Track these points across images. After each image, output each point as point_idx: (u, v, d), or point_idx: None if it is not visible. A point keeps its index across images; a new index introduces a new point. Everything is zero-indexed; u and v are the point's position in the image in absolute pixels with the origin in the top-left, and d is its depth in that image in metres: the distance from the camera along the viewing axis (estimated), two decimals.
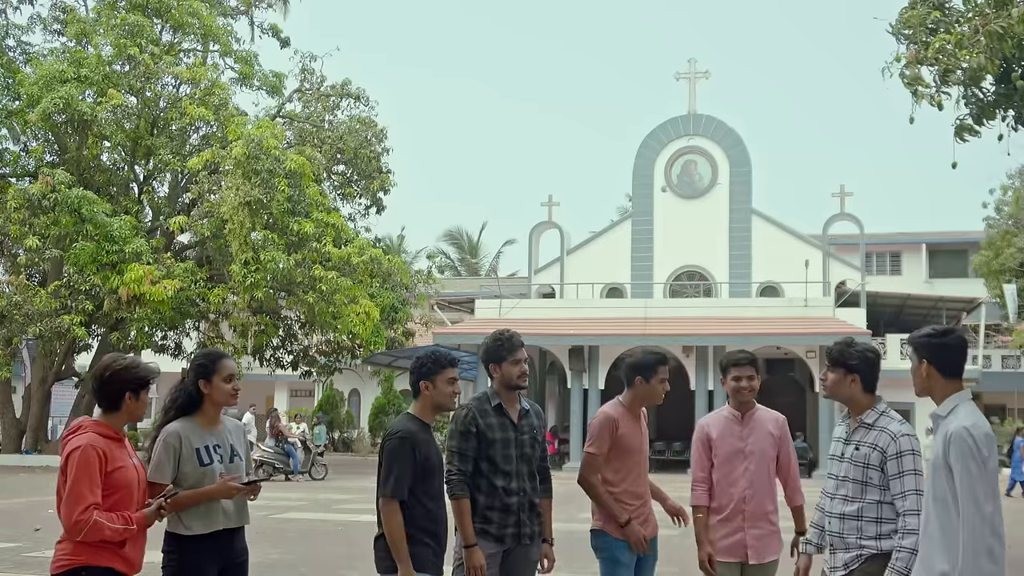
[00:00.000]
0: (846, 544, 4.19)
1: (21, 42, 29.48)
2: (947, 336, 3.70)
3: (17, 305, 24.26)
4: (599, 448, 5.01)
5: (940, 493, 3.49)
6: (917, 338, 3.72)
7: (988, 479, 3.41)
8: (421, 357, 4.57)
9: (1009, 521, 12.81)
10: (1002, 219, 32.29)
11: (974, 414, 3.54)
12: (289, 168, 24.39)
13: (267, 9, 31.00)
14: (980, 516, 3.36)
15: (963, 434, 3.43)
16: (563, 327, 28.09)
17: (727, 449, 5.00)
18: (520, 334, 4.93)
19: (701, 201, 34.20)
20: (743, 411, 5.06)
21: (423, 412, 4.52)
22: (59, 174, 24.38)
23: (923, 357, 3.67)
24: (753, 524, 4.94)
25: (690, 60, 35.31)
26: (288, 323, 28.31)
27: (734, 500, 4.95)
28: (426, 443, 4.41)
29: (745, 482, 4.93)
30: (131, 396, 3.96)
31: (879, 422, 4.20)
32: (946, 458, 3.46)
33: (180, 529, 4.19)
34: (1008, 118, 8.87)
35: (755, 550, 4.93)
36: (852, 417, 4.32)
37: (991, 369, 34.67)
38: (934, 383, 3.65)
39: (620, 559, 5.00)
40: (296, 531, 12.77)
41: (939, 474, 3.49)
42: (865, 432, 4.21)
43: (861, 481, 4.18)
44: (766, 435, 5.02)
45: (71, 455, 3.75)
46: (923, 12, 8.39)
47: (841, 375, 4.29)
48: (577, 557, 5.18)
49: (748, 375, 5.03)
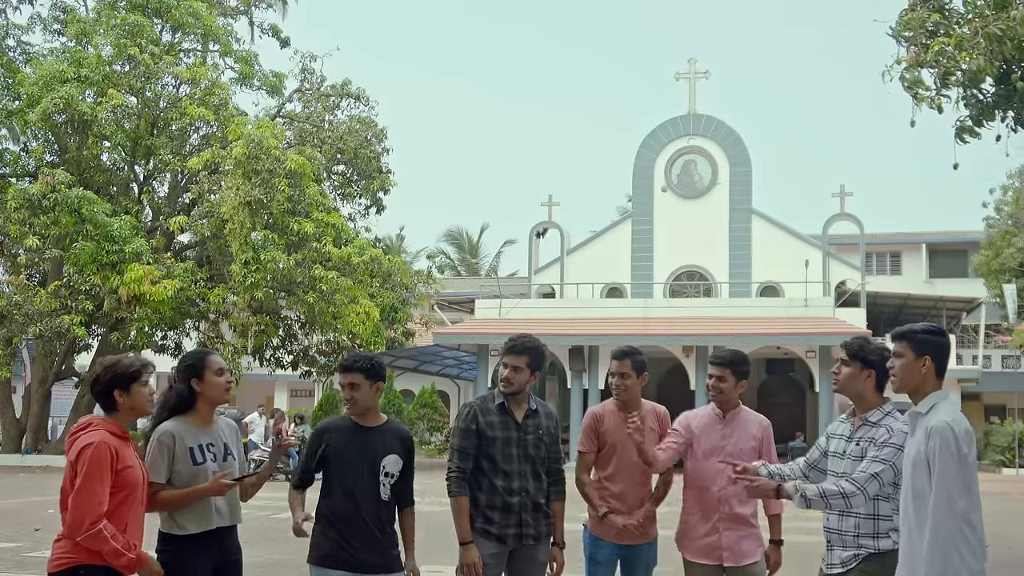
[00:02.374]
0: (843, 542, 4.19)
1: (21, 42, 29.47)
2: (944, 336, 3.76)
3: (17, 305, 24.26)
4: (585, 446, 5.05)
5: (919, 489, 3.50)
6: (918, 334, 3.71)
7: (965, 475, 3.43)
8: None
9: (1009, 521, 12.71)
10: (1002, 219, 32.29)
11: (955, 410, 3.58)
12: (289, 168, 24.39)
13: (267, 9, 31.01)
14: (950, 509, 3.38)
15: (944, 429, 3.46)
16: (563, 327, 28.09)
17: (707, 445, 4.92)
18: (531, 339, 4.85)
19: (701, 201, 34.21)
20: (725, 410, 4.99)
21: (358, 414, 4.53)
22: (59, 174, 24.37)
23: (926, 353, 3.68)
24: (730, 526, 4.84)
25: (690, 60, 35.35)
26: (288, 323, 28.31)
27: (710, 499, 4.87)
28: (339, 439, 4.42)
29: (722, 481, 4.83)
30: (120, 393, 3.94)
31: (883, 421, 4.17)
32: (926, 453, 3.47)
33: (174, 529, 4.20)
34: (1008, 119, 8.88)
35: (732, 552, 4.83)
36: (857, 415, 4.29)
37: (991, 369, 34.72)
38: (928, 380, 3.68)
39: (597, 557, 5.01)
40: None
41: (918, 470, 3.51)
42: (868, 430, 4.20)
43: None
44: (748, 437, 4.93)
45: (83, 451, 3.74)
46: (923, 14, 8.40)
47: (857, 370, 4.25)
48: (579, 557, 5.19)
49: (719, 376, 4.97)
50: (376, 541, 4.37)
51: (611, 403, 5.13)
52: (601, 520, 4.93)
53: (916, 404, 3.68)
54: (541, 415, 4.86)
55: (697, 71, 35.13)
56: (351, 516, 4.35)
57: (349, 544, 4.32)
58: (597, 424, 5.05)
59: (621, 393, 5.03)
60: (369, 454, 4.41)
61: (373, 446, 4.43)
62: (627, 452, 4.96)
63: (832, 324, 26.92)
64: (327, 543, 4.36)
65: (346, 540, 4.33)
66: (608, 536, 4.98)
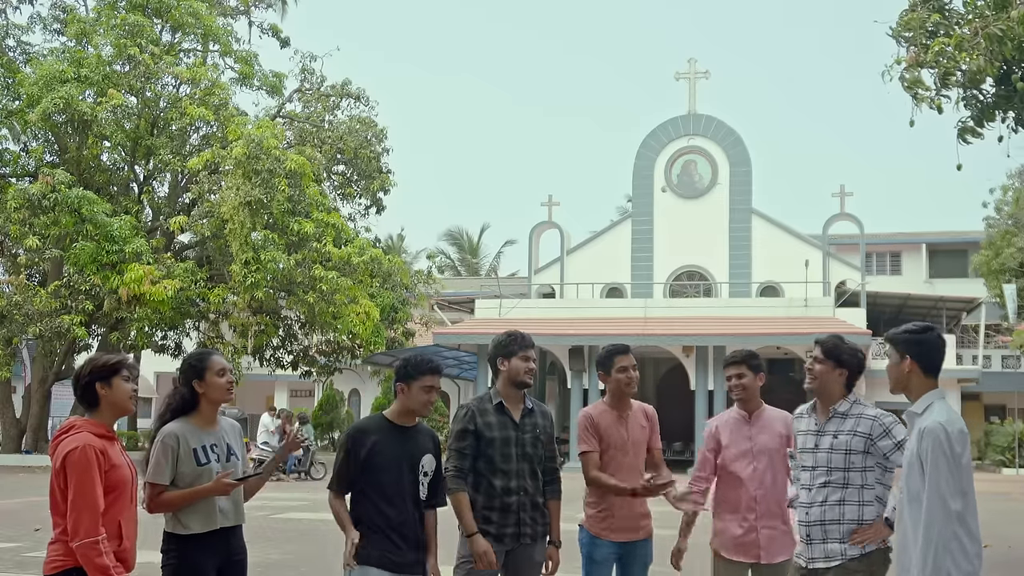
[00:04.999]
0: (826, 533, 4.26)
1: (21, 42, 29.46)
2: (928, 333, 3.77)
3: (17, 305, 24.27)
4: (588, 445, 5.05)
5: (914, 490, 3.51)
6: (898, 335, 3.77)
7: (959, 476, 3.42)
8: (406, 359, 4.56)
9: (1009, 521, 12.71)
10: (1002, 219, 32.27)
11: (949, 411, 3.58)
12: (289, 168, 24.40)
13: (267, 9, 31.03)
14: (944, 512, 3.37)
15: (937, 430, 3.46)
16: (563, 327, 28.09)
17: (735, 450, 5.01)
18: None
19: (701, 201, 34.20)
20: (749, 411, 5.07)
21: (394, 413, 4.51)
22: (59, 174, 24.37)
23: (906, 353, 3.71)
24: (765, 524, 4.93)
25: (690, 60, 35.33)
26: (288, 323, 28.31)
27: (746, 500, 4.95)
28: (380, 442, 4.38)
29: (755, 482, 4.94)
30: (102, 385, 3.89)
31: (852, 410, 4.33)
32: (919, 454, 3.48)
33: (178, 529, 4.22)
34: (1008, 119, 8.88)
35: (767, 550, 4.92)
36: (822, 408, 4.40)
37: (991, 369, 34.70)
38: (913, 380, 3.70)
39: (595, 556, 5.04)
40: (296, 531, 12.77)
41: (913, 471, 3.51)
42: (841, 421, 4.32)
43: (843, 468, 4.27)
44: (775, 435, 5.01)
45: (68, 457, 3.70)
46: (923, 15, 8.40)
47: (830, 368, 4.37)
48: (577, 556, 5.20)
49: (737, 374, 5.03)
50: (416, 541, 4.43)
51: (603, 404, 5.15)
52: (636, 494, 4.92)
53: (912, 404, 3.70)
54: (537, 414, 4.90)
55: (697, 71, 35.13)
56: (395, 517, 4.36)
57: (394, 544, 4.34)
58: (593, 423, 5.06)
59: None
60: (409, 455, 4.45)
61: (412, 446, 4.47)
62: (622, 451, 5.01)
63: (832, 324, 26.90)
64: (372, 544, 4.32)
65: (391, 541, 4.34)
66: (606, 534, 5.01)
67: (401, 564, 4.34)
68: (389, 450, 4.39)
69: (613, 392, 5.12)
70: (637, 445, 5.09)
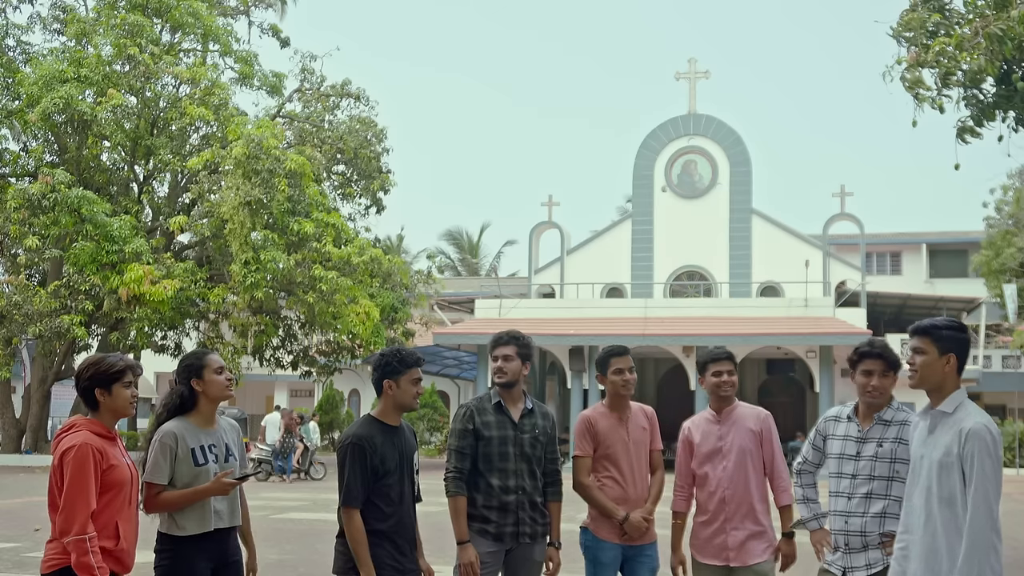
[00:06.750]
0: (866, 542, 4.16)
1: (21, 42, 29.45)
2: (967, 332, 3.62)
3: (17, 305, 24.27)
4: (582, 450, 5.01)
5: (947, 492, 3.39)
6: (941, 330, 3.56)
7: (999, 479, 3.35)
8: (385, 354, 4.37)
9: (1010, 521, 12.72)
10: (1002, 219, 32.26)
11: (982, 411, 3.48)
12: (289, 168, 24.40)
13: (267, 9, 31.02)
14: (989, 515, 3.30)
15: (983, 432, 3.36)
16: (563, 327, 28.09)
17: (705, 450, 4.95)
18: (515, 330, 4.92)
19: (701, 201, 34.19)
20: (721, 408, 5.00)
21: (384, 413, 4.37)
22: (59, 174, 24.38)
23: (950, 350, 3.54)
24: (736, 526, 4.84)
25: (690, 60, 35.31)
26: (288, 323, 28.31)
27: (714, 501, 4.88)
28: (382, 445, 4.27)
29: (725, 482, 4.85)
30: (101, 392, 3.88)
31: (897, 417, 4.20)
32: (960, 456, 3.37)
33: (173, 530, 4.20)
34: (1008, 119, 8.87)
35: (737, 552, 4.83)
36: (866, 415, 4.27)
37: (991, 369, 34.67)
38: (950, 379, 3.55)
39: (601, 559, 4.97)
40: (296, 531, 12.77)
41: (947, 472, 3.39)
42: (884, 428, 4.19)
43: (888, 477, 4.15)
44: (745, 432, 4.91)
45: (66, 454, 3.72)
46: (923, 15, 8.40)
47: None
48: (577, 557, 5.18)
49: (727, 369, 4.95)
50: (413, 542, 4.39)
51: (602, 406, 5.12)
52: (620, 524, 4.88)
53: (936, 403, 3.56)
54: (537, 414, 4.88)
55: (697, 71, 35.11)
56: (398, 521, 4.29)
57: (398, 550, 4.26)
58: (591, 427, 5.02)
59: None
60: (405, 455, 4.38)
61: (405, 446, 4.40)
62: (624, 453, 4.98)
63: (832, 324, 26.93)
64: (382, 553, 4.19)
65: (396, 546, 4.26)
66: (611, 537, 4.96)
67: (404, 572, 4.30)
68: (391, 453, 4.32)
69: (610, 394, 5.09)
70: (638, 446, 5.06)
